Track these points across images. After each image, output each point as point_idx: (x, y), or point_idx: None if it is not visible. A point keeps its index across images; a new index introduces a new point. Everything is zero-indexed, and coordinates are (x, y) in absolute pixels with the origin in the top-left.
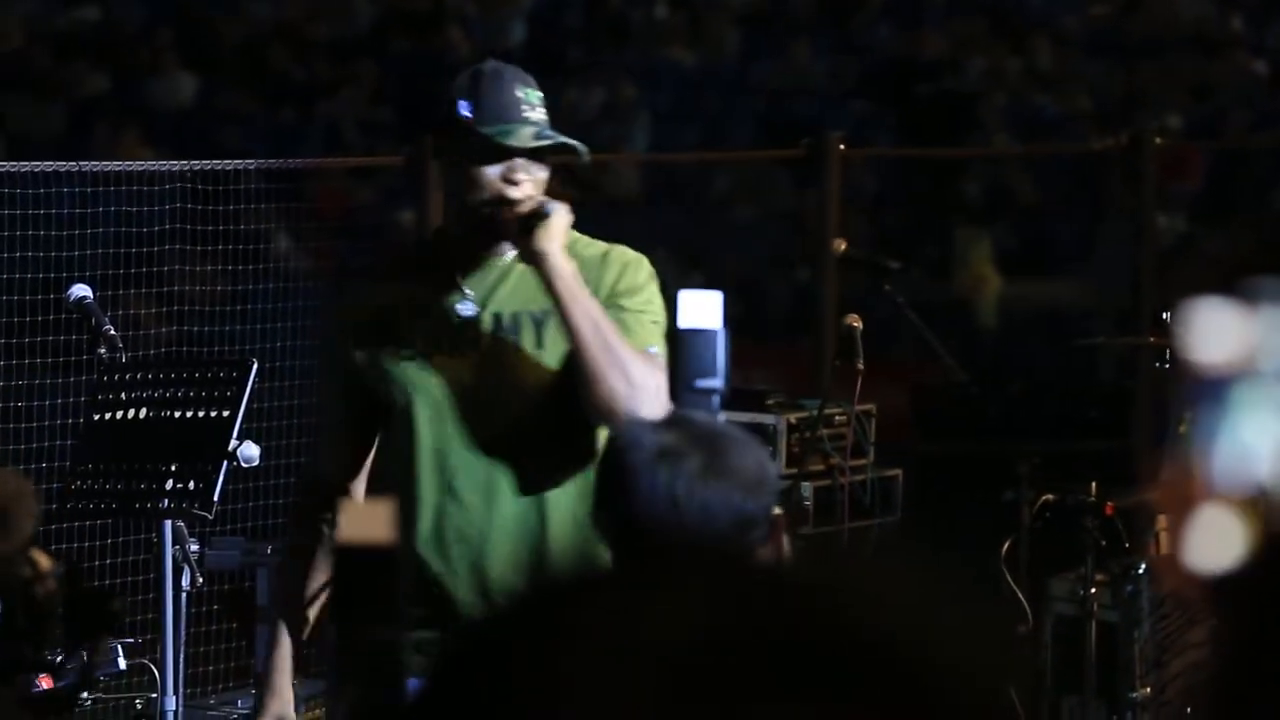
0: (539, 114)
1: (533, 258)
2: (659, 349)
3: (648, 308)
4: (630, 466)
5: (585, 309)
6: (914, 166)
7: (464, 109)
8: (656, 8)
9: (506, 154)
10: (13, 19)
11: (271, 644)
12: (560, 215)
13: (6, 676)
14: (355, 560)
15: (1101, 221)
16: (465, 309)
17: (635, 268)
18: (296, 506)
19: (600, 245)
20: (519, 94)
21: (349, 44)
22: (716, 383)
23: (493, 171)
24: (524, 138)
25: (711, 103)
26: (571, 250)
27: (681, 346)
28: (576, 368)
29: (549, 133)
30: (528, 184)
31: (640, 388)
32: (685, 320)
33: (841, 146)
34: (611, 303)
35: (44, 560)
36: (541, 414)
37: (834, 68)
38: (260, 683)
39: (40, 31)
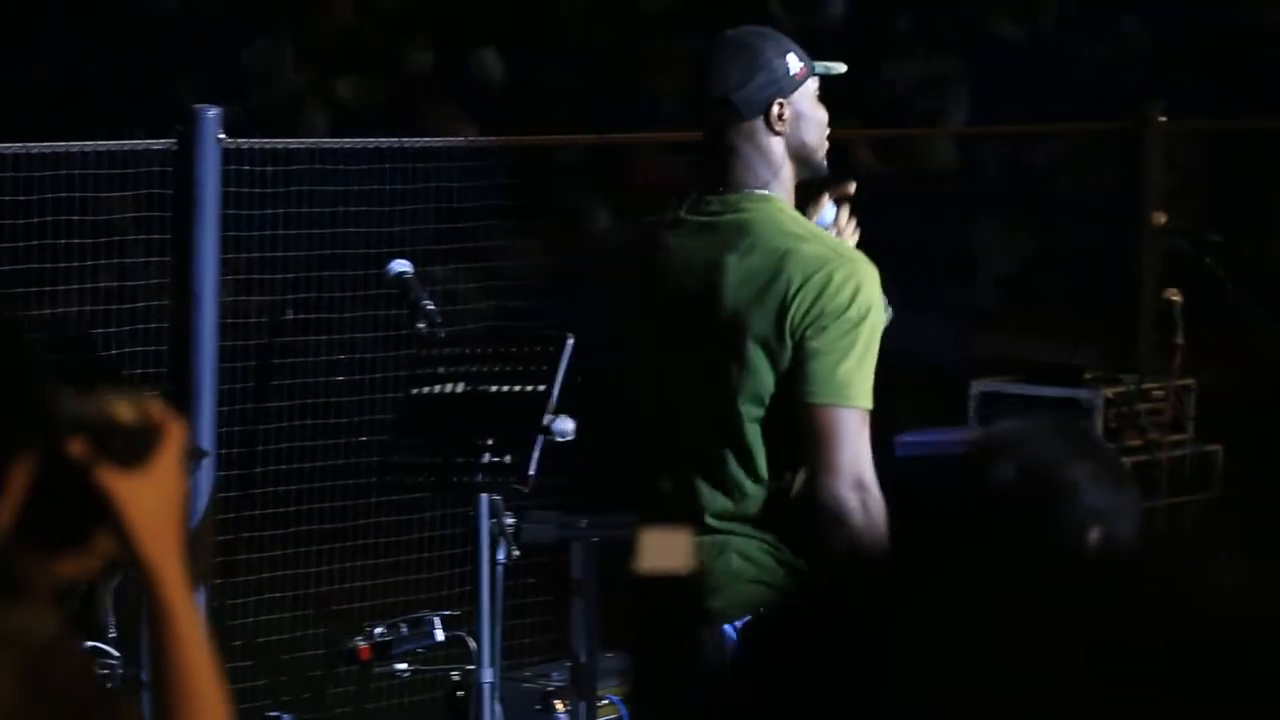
0: None
1: None
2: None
3: None
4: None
5: None
6: (1238, 139)
7: None
8: None
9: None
10: None
11: None
12: None
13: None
14: (655, 587)
15: None
16: None
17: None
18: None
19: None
20: None
21: (665, 20)
22: None
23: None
24: None
25: (1033, 76)
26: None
27: None
28: None
29: None
30: None
31: None
32: None
33: (1162, 119)
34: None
35: None
36: None
37: (1160, 38)
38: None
39: (368, 7)
